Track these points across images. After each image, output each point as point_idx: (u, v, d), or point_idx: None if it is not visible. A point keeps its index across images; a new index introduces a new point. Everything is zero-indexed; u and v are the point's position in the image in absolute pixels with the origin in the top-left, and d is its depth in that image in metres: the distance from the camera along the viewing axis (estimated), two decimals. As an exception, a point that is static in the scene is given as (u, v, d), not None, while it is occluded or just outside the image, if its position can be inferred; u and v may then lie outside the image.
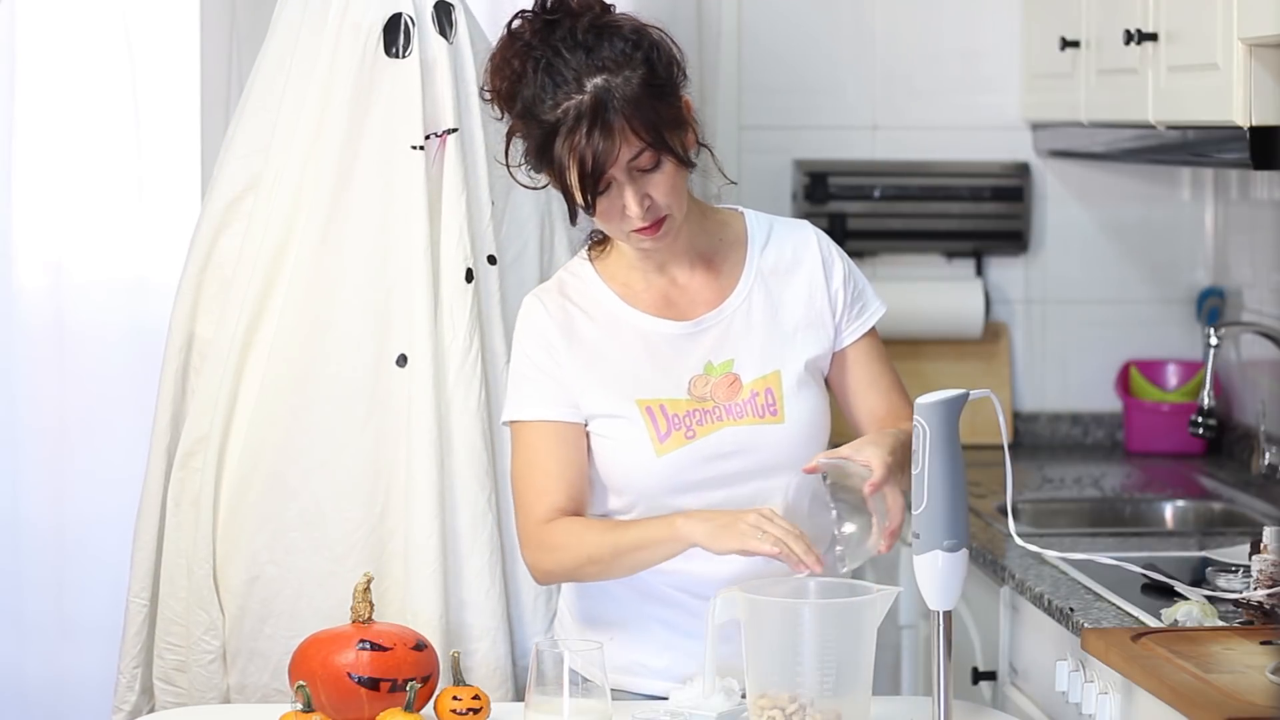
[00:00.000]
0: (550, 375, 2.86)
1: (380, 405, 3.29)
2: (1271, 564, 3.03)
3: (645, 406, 2.84)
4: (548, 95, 2.73)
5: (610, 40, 2.74)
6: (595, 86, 2.71)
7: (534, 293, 2.94)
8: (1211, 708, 2.49)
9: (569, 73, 2.72)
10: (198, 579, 3.34)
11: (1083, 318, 4.62)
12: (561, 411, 2.86)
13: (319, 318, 3.31)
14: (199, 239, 3.45)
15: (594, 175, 2.72)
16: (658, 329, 2.88)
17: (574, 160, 2.72)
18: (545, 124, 2.73)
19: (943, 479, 2.60)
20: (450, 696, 2.81)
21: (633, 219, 2.77)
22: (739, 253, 2.94)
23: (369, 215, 3.31)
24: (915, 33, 4.58)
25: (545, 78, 2.73)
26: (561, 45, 2.74)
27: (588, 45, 2.74)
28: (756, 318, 2.89)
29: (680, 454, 2.82)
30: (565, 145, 2.72)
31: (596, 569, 2.85)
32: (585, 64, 2.72)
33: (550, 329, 2.87)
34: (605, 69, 2.72)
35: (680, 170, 2.78)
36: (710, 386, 2.85)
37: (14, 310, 4.40)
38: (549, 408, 2.86)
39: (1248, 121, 3.26)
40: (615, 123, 2.71)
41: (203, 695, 3.34)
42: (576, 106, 2.71)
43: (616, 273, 2.91)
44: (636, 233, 2.79)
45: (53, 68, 4.36)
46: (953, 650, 2.66)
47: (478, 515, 3.28)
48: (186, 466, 3.39)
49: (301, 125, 3.33)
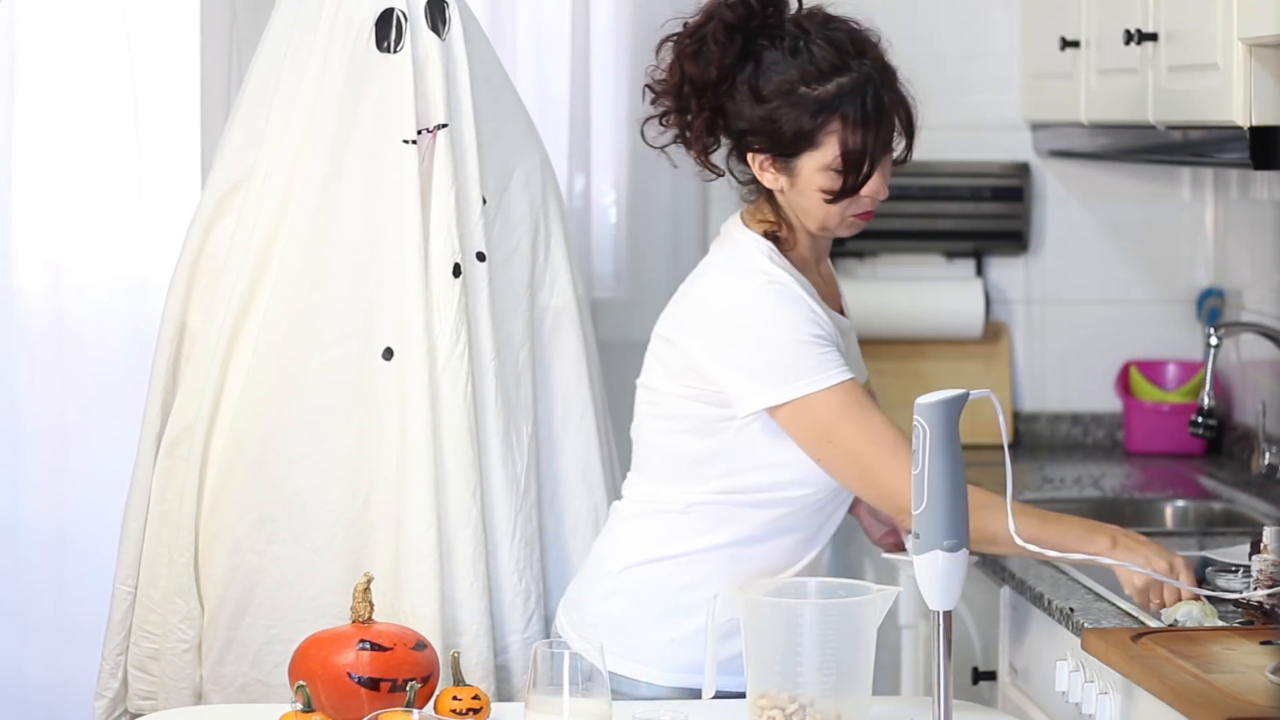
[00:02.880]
0: (834, 343, 2.86)
1: (365, 398, 3.30)
2: (1271, 564, 3.03)
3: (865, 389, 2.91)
4: (810, 72, 2.77)
5: (836, 24, 2.82)
6: (863, 65, 2.78)
7: (760, 268, 2.87)
8: (1211, 708, 2.49)
9: (828, 50, 2.78)
10: (178, 568, 3.35)
11: (1083, 318, 4.61)
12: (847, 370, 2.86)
13: (306, 310, 3.32)
14: (193, 230, 3.47)
15: (872, 153, 2.76)
16: (839, 324, 2.94)
17: (846, 138, 2.75)
18: (808, 102, 2.76)
19: (943, 479, 2.60)
20: (450, 696, 2.81)
21: (867, 201, 2.83)
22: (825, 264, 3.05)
23: (357, 209, 3.32)
24: (915, 33, 4.57)
25: (804, 57, 2.77)
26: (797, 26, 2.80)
27: (826, 27, 2.80)
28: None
29: None
30: (836, 122, 2.75)
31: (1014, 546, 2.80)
32: (838, 43, 2.78)
33: (810, 302, 2.86)
34: (860, 50, 2.80)
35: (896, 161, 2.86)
36: None
37: (14, 311, 4.41)
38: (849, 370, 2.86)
39: (1248, 121, 3.26)
40: (886, 99, 2.79)
41: (175, 684, 3.36)
42: (850, 84, 2.76)
43: (798, 263, 2.94)
44: (856, 217, 2.84)
45: (53, 68, 4.36)
46: (953, 650, 2.66)
47: (463, 509, 3.29)
48: (172, 455, 3.41)
49: (294, 118, 3.35)
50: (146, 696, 3.42)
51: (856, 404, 2.82)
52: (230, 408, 3.35)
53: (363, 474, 3.31)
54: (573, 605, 3.06)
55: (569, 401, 3.47)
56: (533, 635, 3.33)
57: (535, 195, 3.47)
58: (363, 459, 3.31)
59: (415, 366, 3.27)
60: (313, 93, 3.34)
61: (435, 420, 3.28)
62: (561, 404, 3.46)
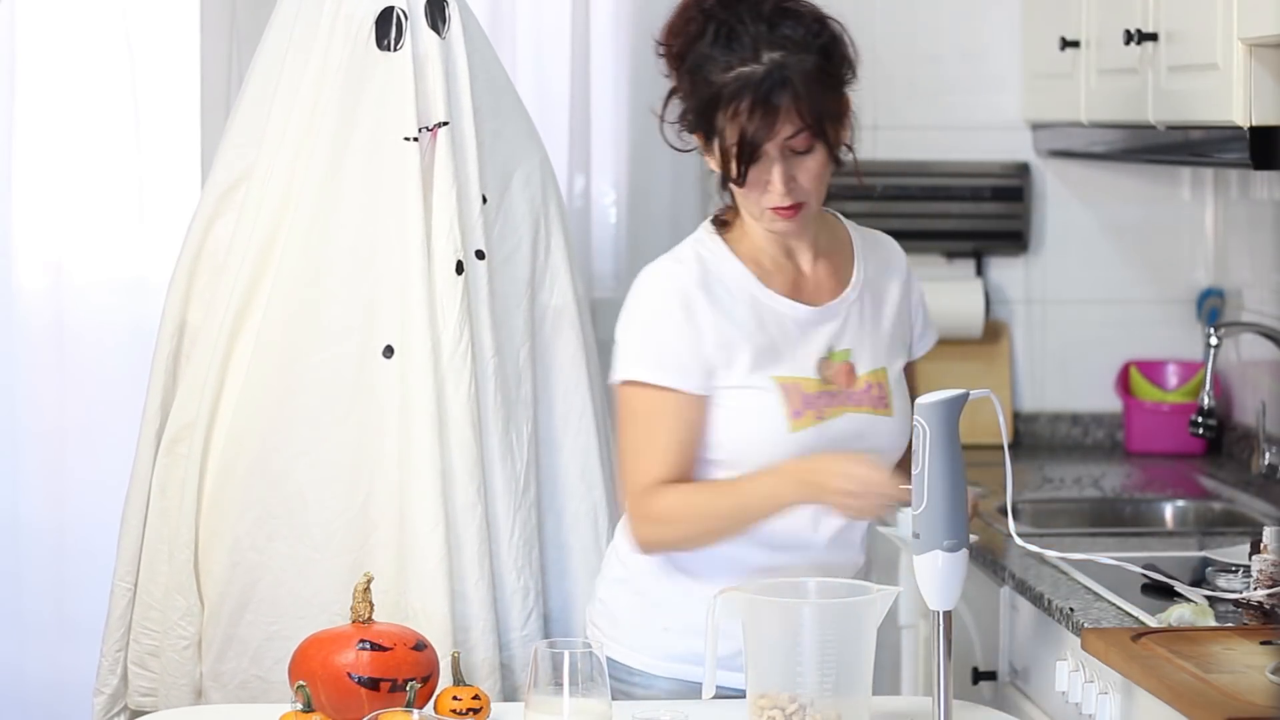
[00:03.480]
0: (687, 342, 2.85)
1: (365, 396, 3.31)
2: (1271, 564, 3.03)
3: (781, 383, 2.86)
4: (721, 58, 2.78)
5: (794, 21, 2.80)
6: (771, 61, 2.76)
7: (668, 257, 2.94)
8: (1211, 708, 2.49)
9: (748, 41, 2.78)
10: (178, 564, 3.36)
11: (1083, 318, 4.61)
12: (689, 381, 2.85)
13: (306, 307, 3.33)
14: (193, 228, 3.48)
15: (752, 145, 2.77)
16: (790, 311, 2.91)
17: (735, 127, 2.77)
18: (713, 85, 2.78)
19: (943, 479, 2.60)
20: (450, 696, 2.81)
21: (774, 196, 2.81)
22: (847, 253, 3.00)
23: (358, 207, 3.33)
24: (915, 33, 4.57)
25: (725, 42, 2.79)
26: (746, 15, 2.79)
27: (771, 21, 2.79)
28: (867, 315, 2.97)
29: (811, 433, 2.86)
30: (729, 111, 2.77)
31: (698, 541, 2.87)
32: (766, 37, 2.78)
33: (693, 290, 2.87)
34: (784, 47, 2.77)
35: (828, 162, 2.83)
36: (833, 371, 2.91)
37: (14, 311, 4.41)
38: (678, 376, 2.85)
39: (1248, 121, 3.26)
40: (782, 100, 2.76)
41: (175, 681, 3.36)
42: (749, 75, 2.76)
43: (747, 251, 2.93)
44: (773, 211, 2.84)
45: (53, 68, 4.36)
46: (953, 650, 2.66)
47: (467, 506, 3.29)
48: (172, 453, 3.41)
49: (294, 116, 3.36)
50: (146, 693, 3.42)
51: (646, 409, 2.86)
52: (230, 405, 3.35)
53: (363, 471, 3.31)
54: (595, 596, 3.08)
55: (569, 401, 3.47)
56: (531, 633, 3.33)
57: (535, 195, 3.47)
58: (363, 456, 3.31)
59: (418, 364, 3.28)
60: (313, 91, 3.34)
61: (440, 418, 3.28)
62: (561, 403, 3.47)
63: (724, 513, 2.85)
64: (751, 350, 2.86)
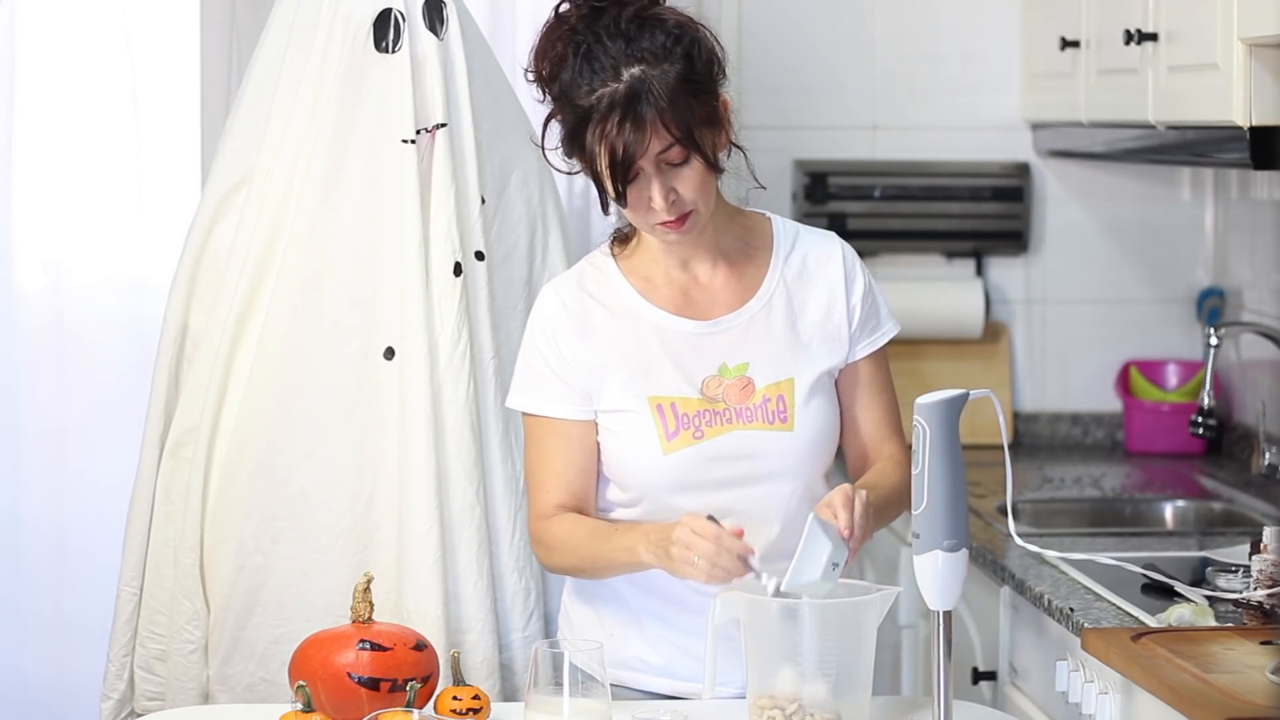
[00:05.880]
0: (556, 372, 2.86)
1: (367, 397, 3.31)
2: (1271, 564, 3.03)
3: (656, 404, 2.83)
4: (584, 81, 2.74)
5: (652, 32, 2.75)
6: (631, 77, 2.72)
7: (552, 284, 2.94)
8: (1211, 708, 2.50)
9: (607, 60, 2.73)
10: (183, 568, 3.36)
11: (1083, 318, 4.62)
12: (566, 409, 2.86)
13: (307, 310, 3.33)
14: (194, 231, 3.48)
15: (623, 165, 2.72)
16: (675, 326, 2.87)
17: (604, 148, 2.73)
18: (579, 109, 2.74)
19: (943, 479, 2.60)
20: (450, 696, 2.81)
21: (658, 211, 2.77)
22: (763, 257, 2.92)
23: (357, 208, 3.33)
24: (915, 33, 4.58)
25: (584, 63, 2.74)
26: (604, 32, 2.74)
27: (629, 35, 2.74)
28: (776, 323, 2.88)
29: (686, 454, 2.82)
30: (596, 132, 2.73)
31: (583, 574, 2.90)
32: (624, 53, 2.73)
33: (564, 322, 2.87)
34: (643, 60, 2.73)
35: (708, 169, 2.78)
36: (723, 388, 2.84)
37: (14, 311, 4.41)
38: (554, 404, 2.87)
39: (1248, 121, 3.27)
40: (647, 115, 2.71)
41: (181, 685, 3.36)
42: (611, 95, 2.72)
43: (638, 268, 2.91)
44: (661, 225, 2.79)
45: (53, 68, 4.36)
46: (953, 650, 2.66)
47: (466, 507, 3.30)
48: (176, 457, 3.42)
49: (293, 119, 3.36)
50: (153, 697, 3.43)
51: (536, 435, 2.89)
52: (233, 409, 3.36)
53: (366, 473, 3.32)
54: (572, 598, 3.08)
55: (568, 401, 3.47)
56: (532, 634, 3.34)
57: (533, 196, 3.48)
58: (366, 458, 3.32)
59: (417, 365, 3.28)
60: (312, 93, 3.35)
61: (437, 419, 3.28)
62: (561, 404, 3.47)
63: (594, 556, 2.84)
64: (626, 371, 2.84)
